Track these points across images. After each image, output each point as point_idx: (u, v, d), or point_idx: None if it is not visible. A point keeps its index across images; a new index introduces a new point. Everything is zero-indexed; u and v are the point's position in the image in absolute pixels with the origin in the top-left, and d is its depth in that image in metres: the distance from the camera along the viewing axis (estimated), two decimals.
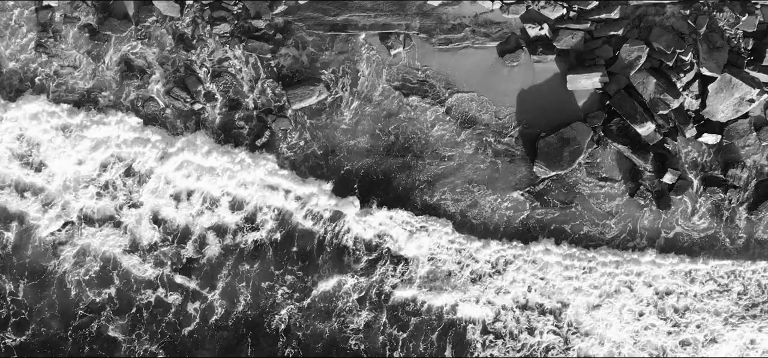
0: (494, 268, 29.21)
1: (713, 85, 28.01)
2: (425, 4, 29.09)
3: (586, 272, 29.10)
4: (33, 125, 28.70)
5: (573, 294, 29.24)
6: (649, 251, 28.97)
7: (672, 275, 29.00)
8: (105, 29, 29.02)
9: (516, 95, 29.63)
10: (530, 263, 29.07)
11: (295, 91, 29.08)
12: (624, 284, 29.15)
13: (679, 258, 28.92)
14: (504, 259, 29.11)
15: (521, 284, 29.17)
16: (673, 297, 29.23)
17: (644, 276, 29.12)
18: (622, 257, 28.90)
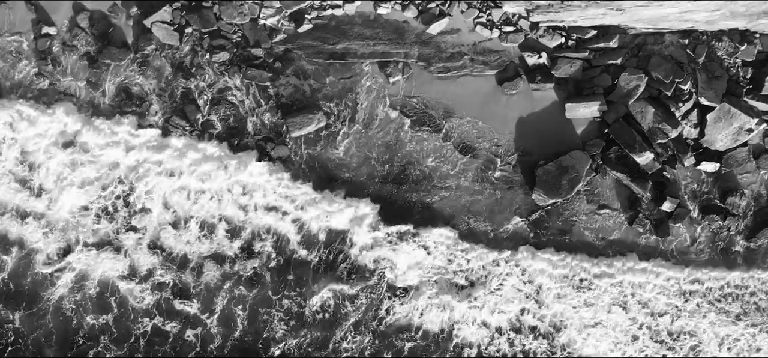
0: (489, 279, 29.12)
1: (712, 115, 28.01)
2: (424, 33, 29.11)
3: (581, 289, 29.07)
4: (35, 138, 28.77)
5: (566, 312, 29.17)
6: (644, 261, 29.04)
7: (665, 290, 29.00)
8: (104, 58, 29.08)
9: (515, 123, 29.64)
10: (522, 277, 29.02)
11: (294, 119, 29.11)
12: (617, 302, 29.08)
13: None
14: (500, 273, 28.99)
15: (516, 301, 29.05)
16: (667, 318, 29.22)
17: (638, 291, 29.08)
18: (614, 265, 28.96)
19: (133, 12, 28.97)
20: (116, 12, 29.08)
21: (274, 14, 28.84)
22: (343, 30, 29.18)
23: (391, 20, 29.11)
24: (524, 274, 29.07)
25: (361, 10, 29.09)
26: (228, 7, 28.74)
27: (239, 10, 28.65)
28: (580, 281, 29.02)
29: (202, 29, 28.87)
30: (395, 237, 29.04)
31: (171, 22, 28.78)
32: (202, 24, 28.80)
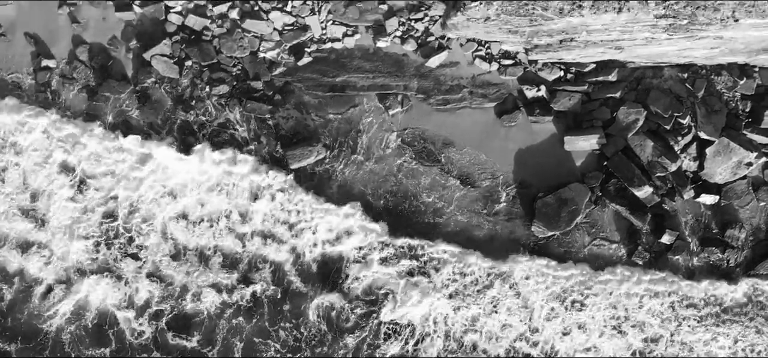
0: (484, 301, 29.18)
1: (711, 149, 28.03)
2: (423, 66, 29.16)
3: (576, 309, 29.07)
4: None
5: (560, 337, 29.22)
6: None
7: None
8: (104, 90, 29.13)
9: (514, 155, 29.66)
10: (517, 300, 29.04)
11: (294, 151, 29.14)
12: (612, 326, 29.04)
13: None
14: (496, 296, 29.00)
15: (510, 328, 29.06)
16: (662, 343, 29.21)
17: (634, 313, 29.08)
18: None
19: (133, 45, 29.02)
20: (116, 45, 29.15)
21: (273, 47, 28.91)
22: (342, 63, 29.24)
23: (390, 53, 29.17)
24: (519, 296, 29.01)
25: (360, 43, 29.16)
26: (228, 41, 28.80)
27: (239, 43, 28.71)
28: (572, 303, 28.92)
29: (202, 62, 28.93)
30: (399, 256, 28.86)
31: (170, 55, 28.86)
32: (201, 57, 28.85)
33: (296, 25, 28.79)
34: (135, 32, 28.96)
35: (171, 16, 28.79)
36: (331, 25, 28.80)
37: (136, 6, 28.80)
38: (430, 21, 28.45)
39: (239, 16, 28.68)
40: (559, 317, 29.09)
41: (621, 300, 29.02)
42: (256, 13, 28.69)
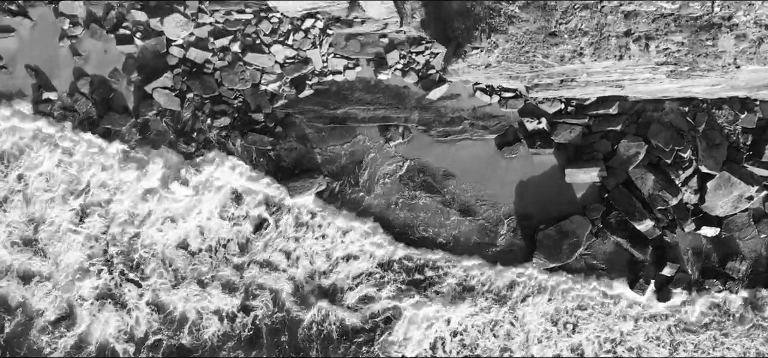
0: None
1: (712, 183, 28.05)
2: (424, 98, 29.20)
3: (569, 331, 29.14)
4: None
5: None
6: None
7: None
8: (105, 123, 29.17)
9: (514, 187, 29.69)
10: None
11: (295, 183, 29.18)
12: (606, 349, 29.07)
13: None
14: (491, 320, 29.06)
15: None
16: None
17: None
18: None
19: (134, 77, 29.07)
20: (117, 77, 29.20)
21: (275, 80, 28.96)
22: (343, 95, 29.29)
23: (391, 86, 29.21)
24: (517, 320, 29.07)
25: (361, 75, 29.21)
26: (229, 73, 28.86)
27: (241, 76, 28.77)
28: (565, 325, 28.97)
29: (204, 95, 28.99)
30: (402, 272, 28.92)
31: (172, 87, 28.90)
32: (203, 90, 28.91)
33: (298, 58, 28.85)
34: (136, 65, 29.02)
35: (172, 49, 28.84)
36: (332, 58, 28.85)
37: (137, 39, 28.83)
38: (431, 54, 28.47)
39: (241, 49, 28.74)
40: (551, 338, 29.12)
41: (617, 324, 29.04)
42: (258, 46, 28.75)
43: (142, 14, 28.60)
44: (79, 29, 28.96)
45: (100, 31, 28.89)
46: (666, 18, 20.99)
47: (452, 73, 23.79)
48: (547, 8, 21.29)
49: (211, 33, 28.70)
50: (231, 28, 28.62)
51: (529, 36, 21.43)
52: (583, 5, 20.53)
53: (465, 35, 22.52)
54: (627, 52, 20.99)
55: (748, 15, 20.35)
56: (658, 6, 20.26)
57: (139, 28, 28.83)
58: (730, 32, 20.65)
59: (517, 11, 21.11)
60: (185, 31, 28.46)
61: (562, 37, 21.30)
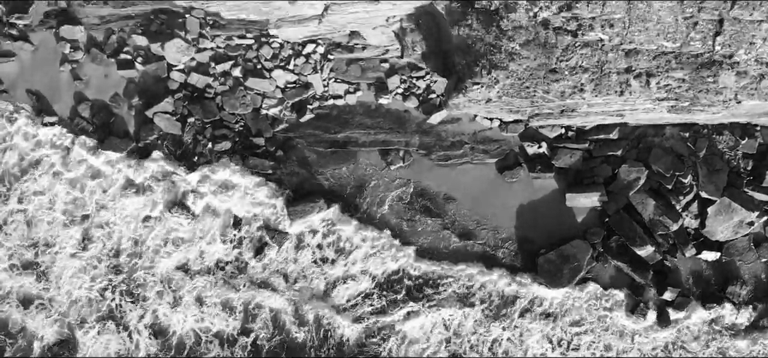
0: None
1: (712, 208, 28.05)
2: (425, 122, 29.20)
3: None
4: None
5: None
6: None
7: None
8: (106, 148, 29.20)
9: (515, 210, 29.69)
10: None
11: (296, 207, 29.20)
12: None
13: None
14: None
15: None
16: None
17: None
18: None
19: (135, 102, 29.09)
20: (118, 102, 29.21)
21: (276, 104, 28.98)
22: (344, 119, 29.31)
23: (392, 110, 29.23)
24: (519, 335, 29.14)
25: (362, 100, 29.24)
26: (230, 98, 28.88)
27: (242, 100, 28.79)
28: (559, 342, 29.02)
29: (204, 119, 29.01)
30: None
31: (173, 112, 28.91)
32: (204, 114, 28.93)
33: (298, 83, 28.87)
34: (137, 89, 29.05)
35: (173, 74, 28.87)
36: (333, 82, 28.87)
37: (138, 64, 28.86)
38: (432, 79, 28.47)
39: (242, 74, 28.76)
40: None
41: (614, 342, 29.11)
42: (259, 71, 28.76)
43: (143, 39, 28.63)
44: (79, 54, 29.00)
45: (101, 55, 28.91)
46: (667, 55, 20.99)
47: (453, 107, 23.81)
48: (548, 46, 21.31)
49: (212, 58, 28.72)
50: (232, 53, 28.65)
51: (529, 72, 21.46)
52: (584, 43, 20.56)
53: (465, 70, 22.54)
54: (628, 88, 21.01)
55: (749, 54, 20.35)
56: (659, 44, 20.27)
57: (140, 53, 28.86)
58: (731, 69, 20.64)
59: (517, 48, 21.13)
60: (186, 56, 28.48)
61: (563, 74, 21.33)
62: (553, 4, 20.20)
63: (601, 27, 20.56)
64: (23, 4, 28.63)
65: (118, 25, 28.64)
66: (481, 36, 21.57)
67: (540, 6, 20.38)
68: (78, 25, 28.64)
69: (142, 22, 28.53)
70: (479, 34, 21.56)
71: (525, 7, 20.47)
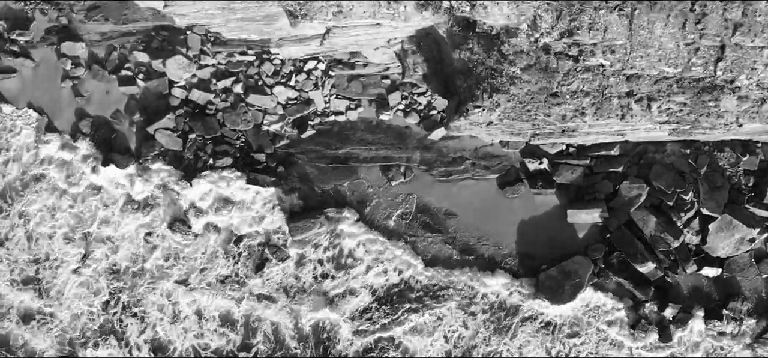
0: None
1: (714, 225, 28.05)
2: (426, 138, 29.21)
3: None
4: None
5: None
6: None
7: None
8: (107, 164, 29.21)
9: (516, 226, 29.70)
10: None
11: (297, 223, 29.22)
12: None
13: None
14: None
15: None
16: None
17: None
18: None
19: (136, 118, 29.11)
20: (119, 118, 29.23)
21: (277, 121, 29.01)
22: (345, 135, 29.32)
23: (393, 126, 29.25)
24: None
25: (363, 115, 29.25)
26: (232, 114, 28.90)
27: (243, 117, 28.81)
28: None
29: (206, 135, 29.02)
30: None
31: (174, 128, 28.93)
32: (205, 130, 28.95)
33: (300, 99, 28.89)
34: (138, 106, 29.08)
35: (175, 90, 28.89)
36: (334, 98, 28.89)
37: (139, 80, 28.88)
38: (433, 96, 28.48)
39: (243, 91, 28.78)
40: None
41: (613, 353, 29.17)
42: (260, 87, 28.78)
43: (145, 56, 28.66)
44: (81, 70, 29.03)
45: (102, 72, 28.95)
46: (668, 80, 20.98)
47: (454, 129, 23.81)
48: (549, 70, 21.32)
49: (213, 74, 28.74)
50: (233, 70, 28.67)
51: (530, 96, 21.46)
52: (585, 68, 20.56)
53: (467, 93, 22.55)
54: (629, 112, 21.00)
55: (750, 79, 20.35)
56: (660, 70, 20.28)
57: (141, 70, 28.90)
58: (732, 94, 20.64)
59: (518, 72, 21.14)
60: (188, 72, 28.51)
61: (564, 98, 21.33)
62: (554, 30, 20.21)
63: (603, 53, 20.56)
64: (24, 20, 28.64)
65: (120, 41, 28.66)
66: (482, 60, 21.57)
67: (541, 31, 20.38)
68: (79, 42, 28.68)
69: (144, 39, 28.56)
70: (480, 58, 21.57)
71: (526, 32, 20.46)
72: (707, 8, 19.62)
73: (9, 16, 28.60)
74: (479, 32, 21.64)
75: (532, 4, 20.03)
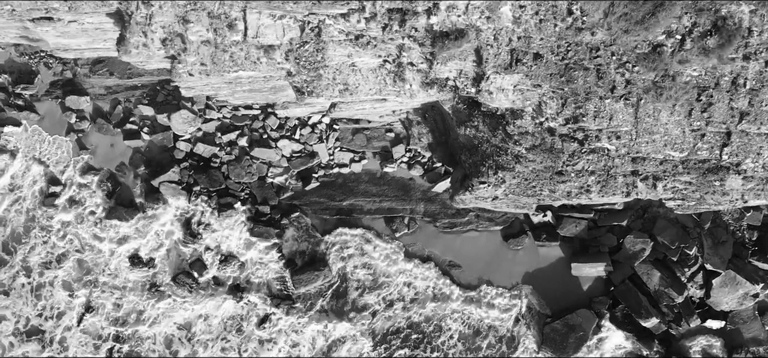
0: None
1: (717, 280, 28.06)
2: (429, 191, 29.22)
3: None
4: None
5: None
6: None
7: None
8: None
9: (521, 278, 29.72)
10: None
11: (300, 276, 29.26)
12: None
13: None
14: None
15: None
16: None
17: None
18: None
19: (141, 171, 29.14)
20: (124, 171, 29.25)
21: (281, 173, 29.03)
22: (349, 187, 29.35)
23: (397, 178, 29.27)
24: None
25: (367, 168, 29.26)
26: (236, 167, 28.91)
27: (247, 169, 28.82)
28: None
29: (210, 188, 29.04)
30: None
31: (179, 181, 28.95)
32: (210, 183, 28.99)
33: (304, 152, 28.91)
34: (143, 159, 29.09)
35: (180, 144, 28.90)
36: (338, 151, 28.90)
37: (144, 133, 28.91)
38: None
39: (248, 144, 28.80)
40: None
41: None
42: (265, 140, 28.80)
43: (150, 109, 28.69)
44: (85, 123, 29.04)
45: (107, 125, 28.97)
46: (674, 160, 20.96)
47: (459, 202, 23.82)
48: (554, 151, 21.30)
49: (218, 128, 28.77)
50: (238, 124, 28.68)
51: (535, 174, 21.46)
52: (590, 150, 20.56)
53: (472, 168, 22.54)
54: (634, 189, 20.99)
55: (756, 162, 20.33)
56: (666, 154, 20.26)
57: (146, 123, 28.91)
58: (738, 175, 20.63)
59: (523, 152, 21.12)
60: (192, 126, 28.54)
61: (569, 176, 21.32)
62: (559, 116, 20.22)
63: (608, 138, 20.55)
64: (29, 73, 28.67)
65: (125, 95, 28.69)
66: (487, 137, 21.59)
67: (546, 116, 20.40)
68: (84, 96, 28.68)
69: (149, 93, 28.59)
70: (485, 136, 21.59)
71: (531, 114, 20.47)
72: (714, 98, 19.62)
73: (14, 69, 28.63)
74: (484, 111, 21.64)
75: (537, 91, 20.06)
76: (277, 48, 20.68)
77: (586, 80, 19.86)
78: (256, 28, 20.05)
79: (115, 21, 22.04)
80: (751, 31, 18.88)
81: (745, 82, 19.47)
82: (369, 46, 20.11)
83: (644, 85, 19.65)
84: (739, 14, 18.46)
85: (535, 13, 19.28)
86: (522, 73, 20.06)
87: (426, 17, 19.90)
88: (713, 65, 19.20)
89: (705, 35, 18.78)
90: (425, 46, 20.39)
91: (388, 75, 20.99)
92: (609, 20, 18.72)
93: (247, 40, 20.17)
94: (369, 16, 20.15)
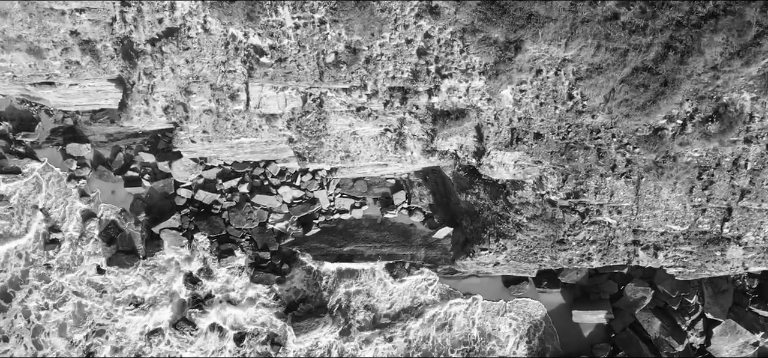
0: None
1: (718, 329, 28.09)
2: (430, 237, 29.23)
3: None
4: None
5: None
6: None
7: None
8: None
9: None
10: None
11: (300, 323, 29.29)
12: None
13: None
14: None
15: None
16: None
17: None
18: None
19: (142, 218, 29.15)
20: (125, 218, 29.26)
21: (282, 219, 29.03)
22: (350, 233, 29.35)
23: (397, 223, 29.28)
24: None
25: (368, 214, 29.28)
26: (237, 214, 28.92)
27: (248, 216, 28.83)
28: None
29: (211, 234, 29.05)
30: None
31: (180, 227, 28.97)
32: (210, 230, 29.00)
33: (305, 198, 28.92)
34: (144, 206, 29.10)
35: (180, 191, 28.92)
36: (339, 197, 28.91)
37: (145, 180, 28.93)
38: None
39: (249, 190, 28.81)
40: None
41: None
42: (266, 187, 28.81)
43: (151, 156, 28.70)
44: (86, 171, 29.05)
45: (108, 172, 28.97)
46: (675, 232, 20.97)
47: (461, 267, 23.82)
48: (555, 221, 21.30)
49: (219, 175, 28.77)
50: (239, 171, 28.68)
51: (537, 242, 21.46)
52: (592, 222, 20.56)
53: (473, 234, 22.54)
54: (635, 258, 20.99)
55: (756, 236, 20.34)
56: (667, 228, 20.27)
57: (147, 170, 28.92)
58: (739, 246, 20.64)
59: (525, 221, 21.12)
60: (193, 174, 28.54)
61: (570, 245, 21.33)
62: (560, 190, 20.22)
63: (609, 213, 20.56)
64: (30, 121, 28.69)
65: (126, 142, 28.70)
66: (488, 205, 21.59)
67: (547, 190, 20.41)
68: (85, 143, 28.69)
69: (149, 140, 28.60)
70: (487, 203, 21.58)
71: (532, 186, 20.47)
72: (715, 177, 19.63)
73: (14, 116, 28.64)
74: (485, 179, 21.64)
75: (538, 167, 20.06)
76: (279, 117, 20.71)
77: (587, 159, 19.88)
78: (259, 99, 20.08)
79: (116, 84, 22.03)
80: (752, 117, 18.90)
81: (746, 163, 19.49)
82: (371, 118, 20.13)
83: (645, 164, 19.68)
84: (740, 101, 18.47)
85: (536, 97, 19.30)
86: (523, 151, 20.08)
87: (427, 97, 19.92)
88: (714, 147, 19.21)
89: (706, 121, 18.79)
90: (426, 123, 20.43)
91: (389, 143, 21.02)
92: (610, 105, 18.75)
93: (249, 110, 20.19)
94: (371, 93, 20.16)
